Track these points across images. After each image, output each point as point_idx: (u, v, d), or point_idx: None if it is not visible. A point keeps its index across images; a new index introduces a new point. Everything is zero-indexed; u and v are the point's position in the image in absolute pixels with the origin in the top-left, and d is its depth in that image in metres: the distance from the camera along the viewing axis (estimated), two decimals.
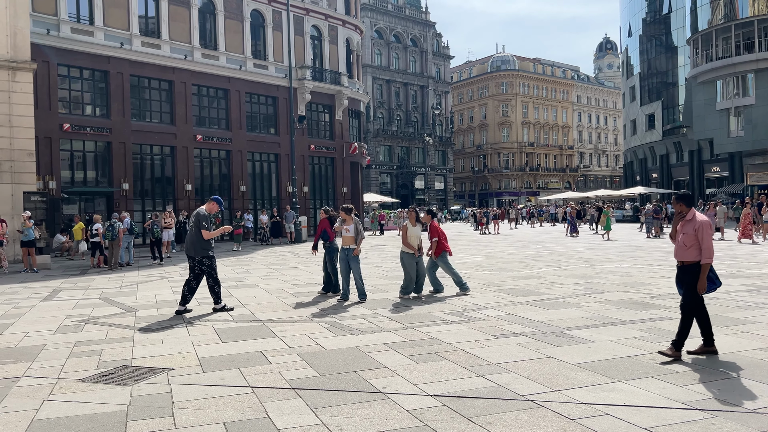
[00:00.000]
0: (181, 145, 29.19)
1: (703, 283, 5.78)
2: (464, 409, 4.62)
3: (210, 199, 9.59)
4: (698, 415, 4.37)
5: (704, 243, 5.78)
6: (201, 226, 9.08)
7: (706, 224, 5.80)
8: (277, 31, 33.06)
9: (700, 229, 5.79)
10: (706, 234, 5.78)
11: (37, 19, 23.94)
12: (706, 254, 5.77)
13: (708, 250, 5.77)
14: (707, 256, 5.77)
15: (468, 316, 8.33)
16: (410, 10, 67.93)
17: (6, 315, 9.47)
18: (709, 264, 5.78)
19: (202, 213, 9.27)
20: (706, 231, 5.78)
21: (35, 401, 5.07)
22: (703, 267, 5.78)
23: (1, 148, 18.52)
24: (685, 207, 6.00)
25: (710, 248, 5.78)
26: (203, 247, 9.14)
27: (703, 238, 5.78)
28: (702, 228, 5.79)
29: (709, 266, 5.80)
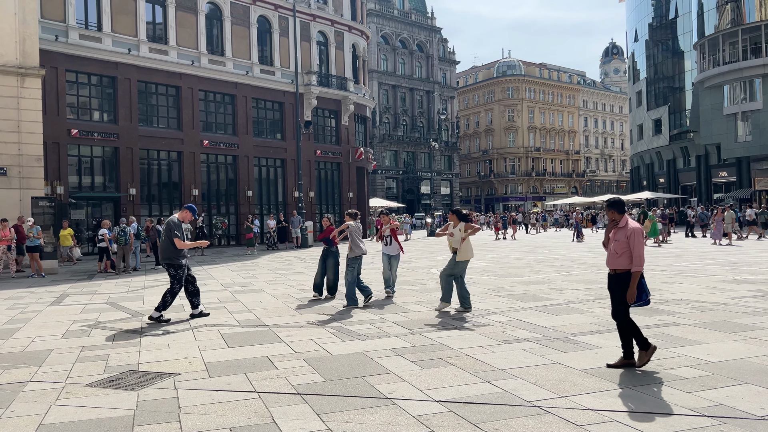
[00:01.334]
0: (188, 151, 29.31)
1: (632, 291, 5.59)
2: (471, 415, 4.61)
3: (183, 207, 9.44)
4: (706, 422, 4.34)
5: (635, 250, 5.59)
6: (173, 235, 8.95)
7: (638, 231, 5.64)
8: (284, 37, 33.19)
9: (632, 236, 5.61)
10: (637, 241, 5.60)
11: (45, 25, 24.13)
12: (636, 262, 5.59)
13: (639, 258, 5.59)
14: (638, 264, 5.59)
15: (474, 322, 8.31)
16: (416, 15, 68.06)
17: (14, 320, 9.52)
18: (639, 272, 5.60)
19: (173, 222, 9.11)
20: (637, 238, 5.61)
21: (42, 406, 5.08)
22: (633, 275, 5.60)
23: (10, 153, 18.64)
24: (617, 214, 5.82)
25: (641, 256, 5.60)
26: (173, 256, 9.00)
27: (635, 245, 5.60)
28: (634, 235, 5.62)
29: (640, 275, 5.62)
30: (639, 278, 5.67)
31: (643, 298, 5.74)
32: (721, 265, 15.33)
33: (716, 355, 6.17)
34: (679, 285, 11.65)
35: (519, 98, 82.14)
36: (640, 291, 5.70)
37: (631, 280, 5.62)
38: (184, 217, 9.29)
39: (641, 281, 5.72)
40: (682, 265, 15.79)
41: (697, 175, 50.47)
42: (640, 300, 5.74)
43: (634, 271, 5.60)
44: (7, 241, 16.56)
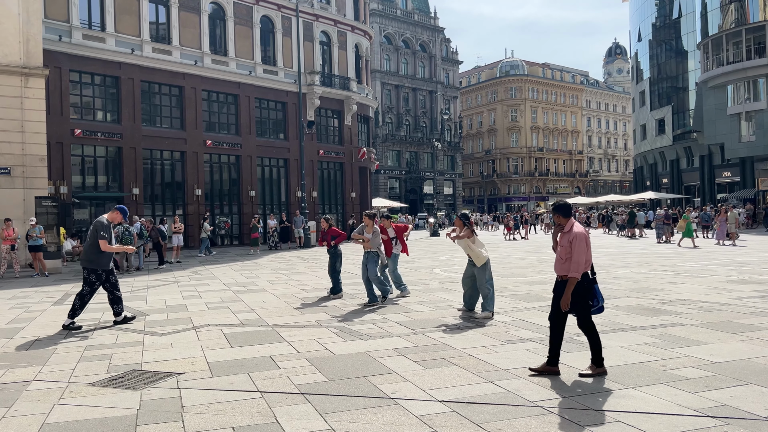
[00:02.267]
0: (191, 150, 29.35)
1: (566, 299, 5.44)
2: (474, 415, 4.60)
3: (114, 207, 9.03)
4: (710, 422, 4.33)
5: (574, 256, 5.44)
6: (100, 237, 8.46)
7: (581, 237, 5.48)
8: (287, 37, 33.21)
9: (574, 242, 5.46)
10: (578, 246, 5.44)
11: (49, 25, 24.18)
12: (574, 267, 5.43)
13: (577, 263, 5.43)
14: (575, 270, 5.42)
15: (477, 322, 8.30)
16: (419, 15, 68.06)
17: (17, 319, 9.54)
18: (576, 279, 5.42)
19: (102, 222, 8.64)
20: (578, 244, 5.45)
21: (46, 405, 5.09)
22: (570, 281, 5.43)
23: (14, 153, 18.69)
24: (562, 218, 5.69)
25: (579, 262, 5.43)
26: (95, 260, 8.56)
27: (575, 250, 5.44)
28: (576, 240, 5.46)
29: (577, 281, 5.44)
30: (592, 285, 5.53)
31: (594, 304, 5.57)
32: (724, 266, 15.29)
33: (720, 355, 6.16)
34: (683, 285, 11.63)
35: (522, 98, 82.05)
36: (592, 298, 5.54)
37: (566, 287, 5.44)
38: (114, 217, 8.90)
39: (594, 287, 5.57)
40: (686, 265, 15.75)
41: (700, 175, 50.36)
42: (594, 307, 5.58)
43: (571, 277, 5.43)
44: (10, 240, 16.61)
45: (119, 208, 9.02)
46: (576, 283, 5.46)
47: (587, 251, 5.51)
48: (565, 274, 5.53)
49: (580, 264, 5.44)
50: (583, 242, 5.48)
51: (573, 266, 5.44)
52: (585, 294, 5.55)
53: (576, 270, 5.43)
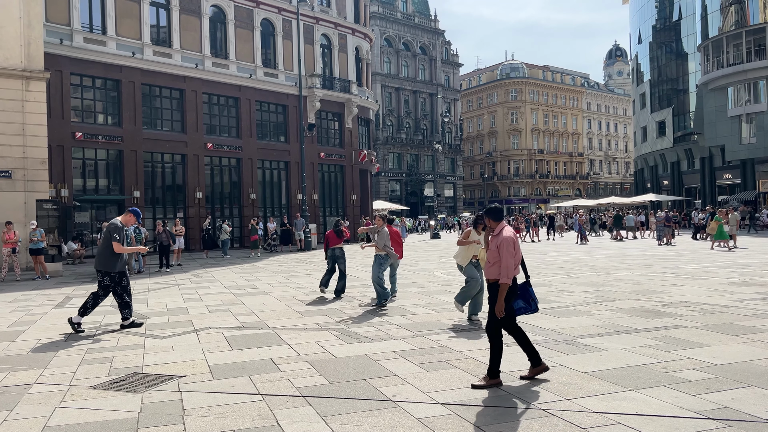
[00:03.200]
0: (192, 153, 29.38)
1: (500, 304, 5.31)
2: (475, 417, 4.60)
3: (127, 210, 9.11)
4: (711, 424, 4.33)
5: (503, 260, 5.32)
6: (113, 239, 8.52)
7: (508, 241, 5.37)
8: (287, 40, 33.26)
9: (501, 246, 5.37)
10: (505, 251, 5.32)
11: (50, 29, 24.23)
12: (503, 272, 5.31)
13: (506, 268, 5.30)
14: (504, 275, 5.30)
15: (477, 324, 8.30)
16: (419, 18, 68.15)
17: (18, 322, 9.55)
18: (507, 284, 5.30)
19: (115, 224, 8.71)
20: (506, 248, 5.33)
21: (47, 408, 5.10)
22: (501, 286, 5.31)
23: (15, 156, 18.72)
24: (492, 222, 5.62)
25: (509, 267, 5.31)
26: (109, 262, 8.61)
27: (503, 255, 5.33)
28: (503, 244, 5.36)
29: (508, 286, 5.32)
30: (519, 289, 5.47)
31: (531, 306, 5.51)
32: (725, 268, 15.29)
33: (721, 357, 6.15)
34: (684, 287, 11.62)
35: (522, 100, 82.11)
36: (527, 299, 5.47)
37: (499, 292, 5.34)
38: (128, 220, 8.98)
39: (528, 289, 5.52)
40: (687, 267, 15.75)
41: (701, 177, 50.35)
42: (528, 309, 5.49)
43: (501, 282, 5.32)
44: (12, 243, 16.62)
45: (132, 211, 9.09)
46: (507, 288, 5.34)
47: (516, 255, 5.39)
48: (491, 277, 5.44)
49: (508, 268, 5.32)
50: (510, 246, 5.37)
51: (502, 271, 5.33)
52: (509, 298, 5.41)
53: (506, 275, 5.31)
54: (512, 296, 5.48)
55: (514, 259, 5.36)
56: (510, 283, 5.34)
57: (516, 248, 5.43)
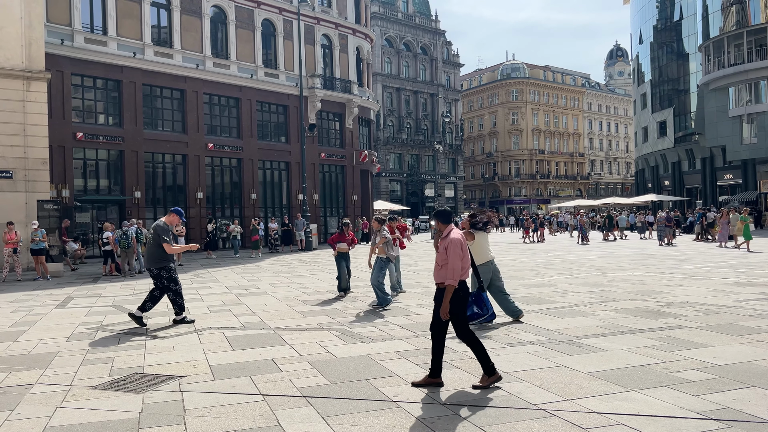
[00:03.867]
0: (193, 154, 29.39)
1: (445, 307, 5.22)
2: (476, 417, 4.60)
3: (171, 210, 9.31)
4: (713, 425, 4.32)
5: (450, 262, 5.23)
6: (162, 240, 8.79)
7: (455, 243, 5.29)
8: (288, 40, 33.27)
9: (448, 248, 5.28)
10: (452, 253, 5.24)
11: (51, 29, 24.24)
12: (449, 275, 5.21)
13: (453, 270, 5.21)
14: (450, 277, 5.21)
15: (479, 324, 8.29)
16: (420, 18, 68.13)
17: (19, 322, 9.55)
18: (453, 286, 5.21)
19: (161, 226, 8.95)
20: (452, 250, 5.25)
21: (48, 408, 5.10)
22: (447, 289, 5.21)
23: (16, 156, 18.73)
24: (441, 224, 5.55)
25: (455, 269, 5.22)
26: (162, 259, 8.87)
27: (450, 257, 5.23)
28: (450, 246, 5.27)
29: (454, 288, 5.23)
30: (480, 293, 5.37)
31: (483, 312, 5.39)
32: (727, 268, 15.27)
33: (723, 358, 6.14)
34: (685, 288, 11.61)
35: (523, 101, 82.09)
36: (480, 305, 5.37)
37: (444, 295, 5.25)
38: (171, 220, 9.15)
39: (482, 295, 5.40)
40: (688, 267, 15.74)
41: (702, 177, 50.31)
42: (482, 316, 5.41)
43: (447, 285, 5.23)
44: (13, 243, 16.63)
45: (176, 211, 9.31)
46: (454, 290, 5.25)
47: (463, 258, 5.31)
48: (439, 280, 5.36)
49: (455, 271, 5.23)
50: (458, 248, 5.28)
51: (449, 273, 5.23)
52: (461, 302, 5.33)
53: (452, 277, 5.21)
54: (465, 299, 5.36)
55: (461, 262, 5.26)
56: (456, 285, 5.22)
57: (464, 250, 5.32)
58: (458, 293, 5.30)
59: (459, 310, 5.32)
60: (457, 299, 5.30)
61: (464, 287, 5.37)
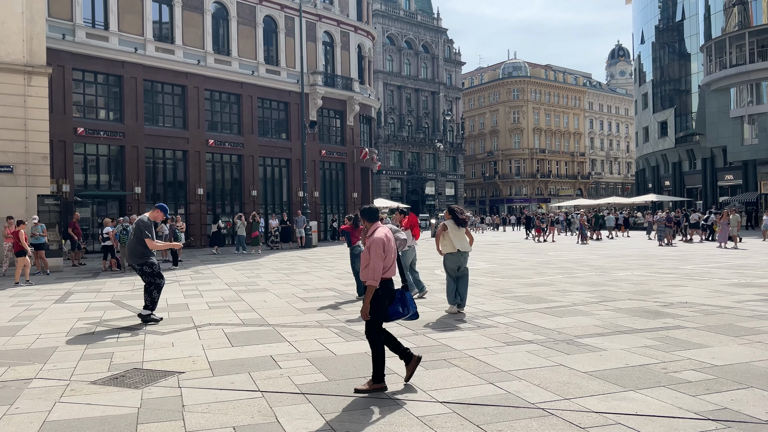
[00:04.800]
0: (194, 150, 29.39)
1: (366, 307, 5.13)
2: (474, 416, 4.60)
3: (155, 206, 9.22)
4: (711, 425, 4.32)
5: (371, 262, 5.14)
6: (144, 236, 8.74)
7: (377, 242, 5.18)
8: (290, 37, 33.24)
9: (371, 247, 5.19)
10: (373, 252, 5.15)
11: (52, 24, 24.22)
12: (369, 274, 5.12)
13: (374, 270, 5.11)
14: (370, 277, 5.11)
15: (478, 323, 8.30)
16: (422, 16, 68.04)
17: (19, 317, 9.56)
18: (373, 286, 5.11)
19: (144, 222, 8.89)
20: (373, 249, 5.15)
21: (47, 403, 5.10)
22: (367, 288, 5.14)
23: (16, 151, 18.72)
24: (367, 222, 5.51)
25: (376, 269, 5.11)
26: (143, 254, 8.82)
27: (371, 256, 5.15)
28: (372, 245, 5.17)
29: (375, 289, 5.13)
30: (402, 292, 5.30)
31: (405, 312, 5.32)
32: (726, 269, 15.28)
33: (721, 358, 6.15)
34: (684, 288, 11.61)
35: (524, 100, 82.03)
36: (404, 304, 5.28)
37: (365, 294, 5.16)
38: (156, 216, 9.09)
39: (404, 294, 5.35)
40: (687, 268, 15.74)
41: (702, 178, 50.31)
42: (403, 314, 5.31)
43: (368, 284, 5.14)
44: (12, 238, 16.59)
45: (160, 207, 9.20)
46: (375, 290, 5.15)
47: (385, 258, 5.21)
48: (364, 279, 5.24)
49: (376, 270, 5.12)
50: (380, 248, 5.17)
51: (368, 272, 5.15)
52: (377, 302, 5.21)
53: (371, 276, 5.12)
54: (383, 300, 5.24)
55: (383, 262, 5.17)
56: (377, 285, 5.13)
57: (386, 250, 5.22)
58: (377, 293, 5.18)
59: (377, 309, 5.21)
60: (377, 299, 5.19)
61: (386, 287, 5.25)
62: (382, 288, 5.21)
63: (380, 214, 11.63)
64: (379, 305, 5.23)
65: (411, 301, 5.44)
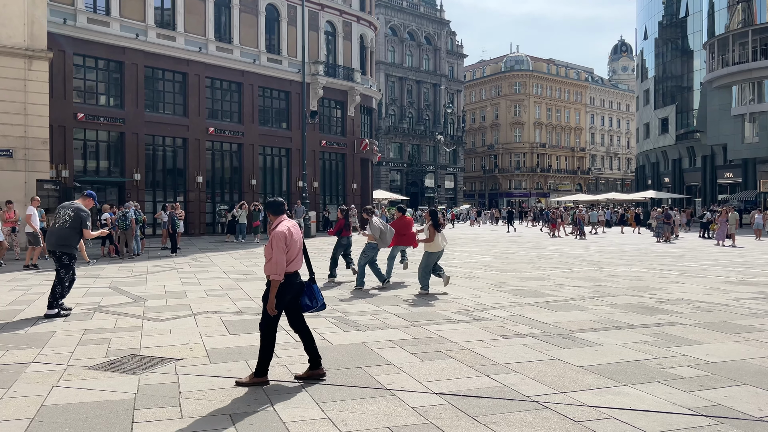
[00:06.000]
0: (194, 138, 29.33)
1: (271, 302, 5.08)
2: (469, 408, 4.63)
3: (85, 194, 8.94)
4: (704, 421, 4.36)
5: (273, 256, 5.08)
6: (85, 226, 8.48)
7: (279, 236, 5.12)
8: (292, 26, 33.09)
9: (272, 241, 5.12)
10: (274, 246, 5.09)
11: (54, 8, 24.09)
12: (272, 269, 5.08)
13: (274, 264, 5.06)
14: (273, 271, 5.07)
15: (475, 316, 8.34)
16: (425, 7, 67.76)
17: (17, 301, 9.58)
18: (277, 281, 5.08)
19: (87, 211, 8.63)
20: (274, 243, 5.10)
21: (44, 387, 5.13)
22: (272, 283, 5.09)
23: (16, 135, 18.69)
24: (271, 215, 5.39)
25: (279, 263, 5.06)
26: (73, 245, 8.52)
27: (274, 250, 5.09)
28: (274, 239, 5.12)
29: (279, 283, 5.09)
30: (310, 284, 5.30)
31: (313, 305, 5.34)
32: (723, 266, 15.32)
33: (716, 355, 6.18)
34: (681, 285, 11.65)
35: (526, 93, 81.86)
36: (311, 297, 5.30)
37: (270, 288, 5.12)
38: (87, 205, 8.85)
39: (312, 286, 5.35)
40: (685, 265, 15.78)
41: (702, 175, 50.31)
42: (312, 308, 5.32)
43: (272, 279, 5.10)
44: (11, 222, 16.61)
45: (90, 194, 8.93)
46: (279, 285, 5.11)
47: (288, 251, 5.16)
48: (266, 273, 5.21)
49: (279, 264, 5.07)
50: (281, 241, 5.11)
51: (271, 267, 5.10)
52: (278, 296, 5.15)
53: (274, 271, 5.07)
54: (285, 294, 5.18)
55: (286, 255, 5.13)
56: (281, 279, 5.09)
57: (289, 243, 5.17)
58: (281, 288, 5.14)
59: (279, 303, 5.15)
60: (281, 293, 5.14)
61: (289, 281, 5.21)
62: (285, 282, 5.16)
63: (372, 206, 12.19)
64: (281, 299, 5.17)
65: (318, 292, 5.42)
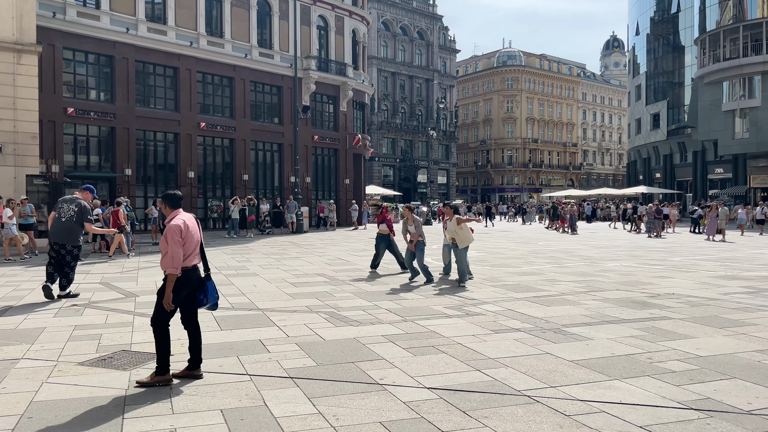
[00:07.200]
0: (185, 132, 29.17)
1: (168, 296, 4.97)
2: (461, 402, 4.64)
3: (83, 188, 9.34)
4: (693, 414, 4.39)
5: (169, 250, 4.98)
6: (87, 220, 9.04)
7: (173, 229, 5.03)
8: (284, 20, 32.94)
9: (167, 234, 5.02)
10: (169, 240, 5.00)
11: (43, 2, 23.83)
12: (168, 263, 4.97)
13: (171, 258, 4.95)
14: (169, 265, 4.96)
15: (466, 311, 8.35)
16: (417, 2, 67.59)
17: (7, 297, 9.51)
18: (174, 275, 4.96)
19: (86, 205, 9.15)
20: (169, 236, 5.01)
21: (34, 383, 5.10)
22: (168, 278, 4.98)
23: (5, 130, 18.52)
24: (168, 208, 5.30)
25: (175, 257, 4.95)
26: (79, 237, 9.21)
27: (169, 244, 5.00)
28: (168, 233, 5.02)
29: (176, 277, 4.98)
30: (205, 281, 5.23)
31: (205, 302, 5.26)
32: (713, 261, 15.42)
33: (705, 349, 6.23)
34: (672, 279, 11.72)
35: (518, 89, 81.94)
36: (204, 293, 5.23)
37: (167, 283, 5.01)
38: (86, 198, 9.23)
39: (208, 284, 5.26)
40: (675, 259, 15.87)
41: (693, 170, 50.58)
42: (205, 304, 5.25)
43: (168, 273, 4.99)
44: None
45: (87, 188, 9.37)
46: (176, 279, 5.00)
47: (185, 244, 5.07)
48: (162, 268, 5.09)
49: (175, 258, 4.97)
50: (176, 235, 5.02)
51: (167, 261, 4.99)
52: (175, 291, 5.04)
53: (170, 265, 4.97)
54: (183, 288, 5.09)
55: (182, 249, 5.04)
56: (178, 273, 4.99)
57: (184, 237, 5.07)
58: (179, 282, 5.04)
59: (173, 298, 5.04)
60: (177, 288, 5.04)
61: (186, 276, 5.10)
62: (182, 276, 5.06)
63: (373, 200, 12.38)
64: (177, 294, 5.06)
65: (212, 290, 5.31)
